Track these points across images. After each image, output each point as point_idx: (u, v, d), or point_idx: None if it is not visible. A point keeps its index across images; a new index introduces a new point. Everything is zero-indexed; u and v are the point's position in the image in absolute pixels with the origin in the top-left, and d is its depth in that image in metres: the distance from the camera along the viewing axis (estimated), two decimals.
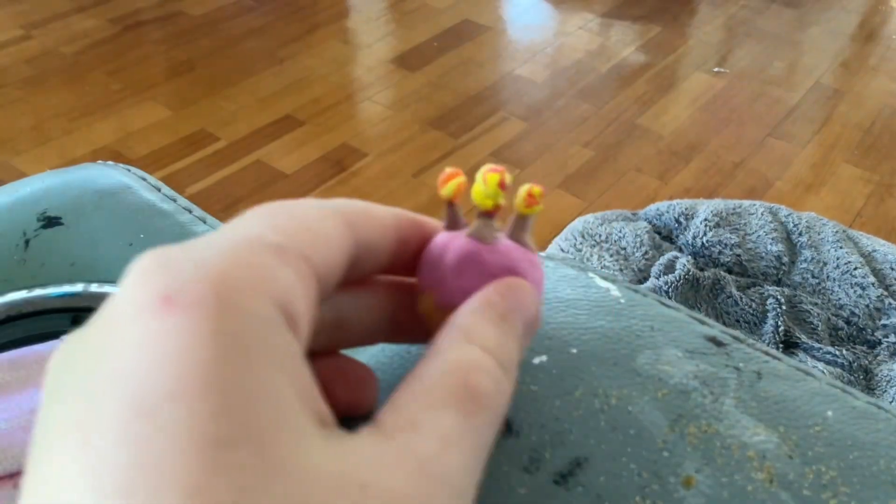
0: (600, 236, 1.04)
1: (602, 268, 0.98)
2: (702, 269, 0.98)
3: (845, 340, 0.92)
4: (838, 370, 0.85)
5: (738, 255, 0.99)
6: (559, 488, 0.25)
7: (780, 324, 0.89)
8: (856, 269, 0.94)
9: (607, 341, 0.31)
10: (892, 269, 0.96)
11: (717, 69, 2.05)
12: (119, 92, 1.87)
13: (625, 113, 1.87)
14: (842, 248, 0.97)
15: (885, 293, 0.93)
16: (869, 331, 0.92)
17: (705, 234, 1.00)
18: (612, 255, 1.00)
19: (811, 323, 0.92)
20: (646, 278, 0.97)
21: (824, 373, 0.70)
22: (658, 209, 1.09)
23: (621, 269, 0.98)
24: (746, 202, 1.07)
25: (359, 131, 1.79)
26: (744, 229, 1.02)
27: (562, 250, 1.04)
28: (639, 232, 1.03)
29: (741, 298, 0.94)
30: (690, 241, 1.02)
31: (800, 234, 1.01)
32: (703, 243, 1.00)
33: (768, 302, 0.93)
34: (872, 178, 1.68)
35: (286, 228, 0.20)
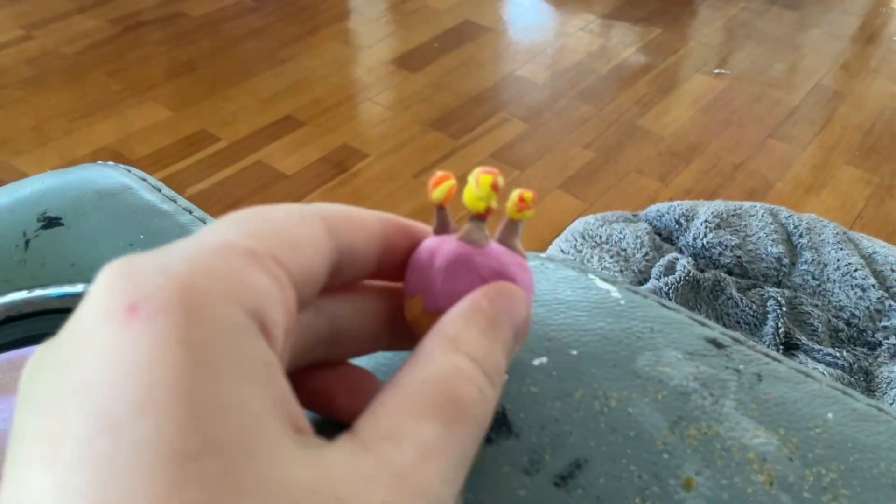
0: (601, 237, 1.04)
1: (602, 269, 0.98)
2: (702, 271, 0.98)
3: (846, 342, 0.92)
4: (839, 372, 0.85)
5: (739, 257, 0.99)
6: (559, 490, 0.25)
7: (780, 325, 0.89)
8: (856, 270, 0.94)
9: (607, 343, 0.31)
10: (893, 270, 0.96)
11: (717, 71, 2.05)
12: (119, 92, 1.87)
13: (625, 114, 1.87)
14: (842, 249, 0.97)
15: (886, 295, 0.93)
16: (869, 332, 0.92)
17: (706, 235, 1.00)
18: (612, 257, 1.00)
19: (811, 325, 0.92)
20: (646, 279, 0.97)
21: (825, 374, 0.70)
22: (658, 210, 1.09)
23: (622, 271, 0.98)
24: (747, 204, 1.07)
25: (359, 132, 1.79)
26: (744, 231, 1.02)
27: (562, 251, 1.04)
28: (639, 233, 1.03)
29: (741, 300, 0.93)
30: (691, 243, 1.02)
31: (800, 236, 1.00)
32: (703, 245, 1.00)
33: (769, 303, 0.93)
34: (873, 179, 1.68)
35: (259, 233, 0.20)
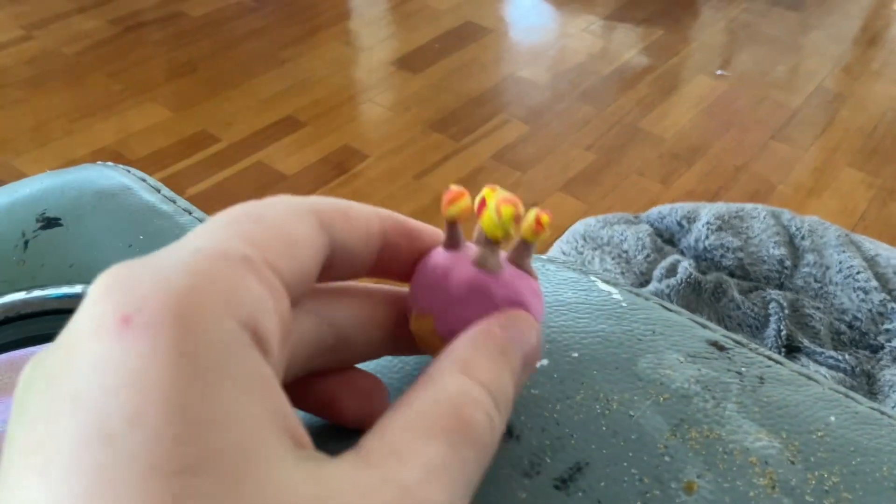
0: (602, 239, 1.04)
1: (604, 271, 0.98)
2: (704, 273, 0.97)
3: (848, 345, 0.92)
4: (841, 375, 0.85)
5: (741, 259, 0.99)
6: (559, 493, 0.25)
7: (782, 328, 0.89)
8: (858, 273, 0.94)
9: (608, 345, 0.31)
10: (895, 273, 0.96)
11: (719, 72, 2.05)
12: (120, 93, 1.88)
13: (627, 116, 1.87)
14: (844, 252, 0.97)
15: (888, 297, 0.92)
16: (872, 335, 0.91)
17: (707, 237, 1.00)
18: (613, 259, 1.00)
19: (813, 327, 0.91)
20: (647, 281, 0.97)
21: (826, 377, 0.70)
22: (660, 212, 1.08)
23: (623, 273, 0.98)
24: (749, 206, 1.06)
25: (360, 133, 1.79)
26: (746, 233, 1.01)
27: (563, 253, 1.04)
28: (640, 235, 1.03)
29: (743, 302, 0.93)
30: (692, 245, 1.02)
31: (802, 238, 1.00)
32: (705, 247, 1.00)
33: (770, 306, 0.92)
34: (875, 182, 1.68)
35: (254, 236, 0.20)
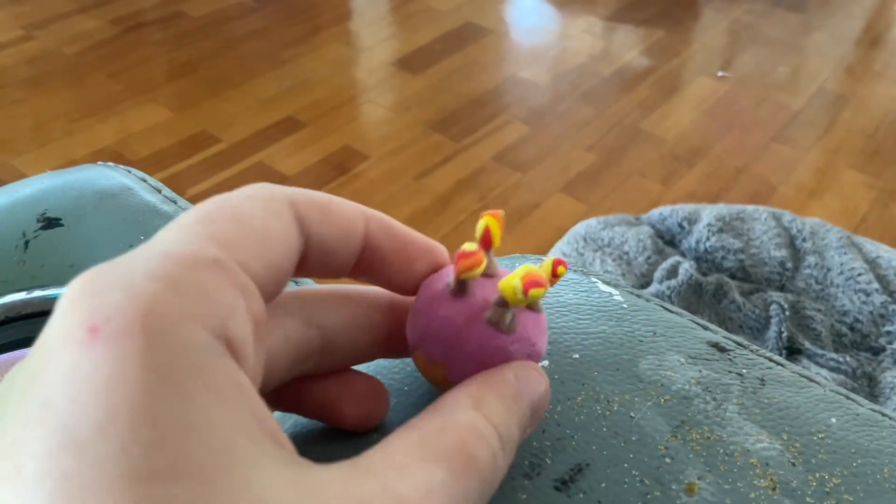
0: (603, 241, 1.04)
1: (604, 272, 0.98)
2: (705, 275, 0.97)
3: (849, 347, 0.92)
4: (842, 377, 0.85)
5: (742, 261, 0.99)
6: (560, 494, 0.25)
7: (783, 330, 0.89)
8: (860, 275, 0.94)
9: (609, 346, 0.31)
10: None
11: (720, 73, 2.05)
12: (120, 93, 1.88)
13: (628, 117, 1.87)
14: (846, 253, 0.97)
15: (890, 299, 0.92)
16: (873, 337, 0.91)
17: (708, 239, 1.00)
18: (614, 260, 1.00)
19: (815, 329, 0.91)
20: (648, 283, 0.97)
21: (827, 379, 0.70)
22: (661, 214, 1.08)
23: (624, 274, 0.98)
24: (750, 207, 1.06)
25: (360, 134, 1.79)
26: (747, 234, 1.01)
27: (564, 254, 1.04)
28: (641, 236, 1.03)
29: (744, 304, 0.93)
30: (693, 246, 1.02)
31: (803, 240, 1.00)
32: (706, 248, 1.00)
33: (771, 308, 0.92)
34: (876, 183, 1.68)
35: (225, 235, 0.19)
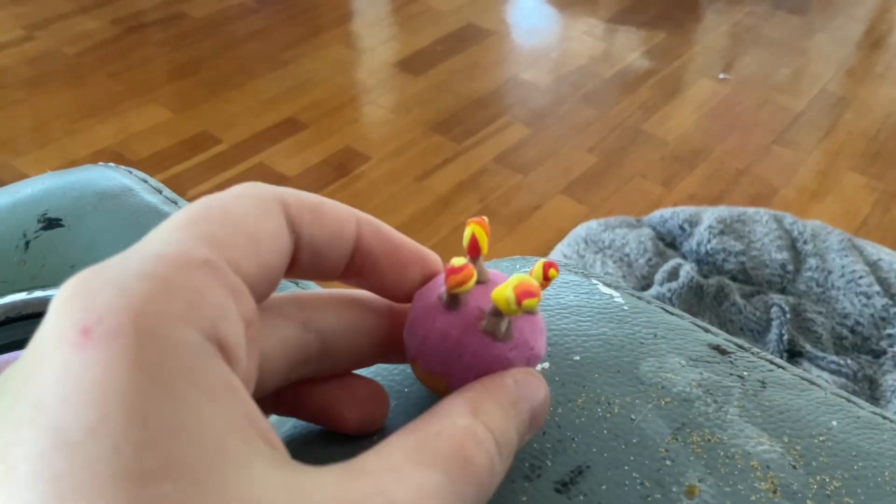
0: (604, 242, 1.04)
1: (605, 274, 0.98)
2: (706, 277, 0.97)
3: (850, 350, 0.92)
4: (842, 380, 0.85)
5: (743, 263, 0.99)
6: (560, 496, 0.25)
7: (784, 332, 0.89)
8: (861, 277, 0.94)
9: (610, 348, 0.31)
10: None
11: (722, 76, 2.05)
12: (121, 93, 1.88)
13: (629, 119, 1.87)
14: (847, 256, 0.97)
15: (891, 302, 0.92)
16: (874, 340, 0.91)
17: (710, 241, 1.00)
18: (615, 262, 1.00)
19: (816, 332, 0.91)
20: (649, 285, 0.97)
21: (828, 382, 0.70)
22: (662, 216, 1.08)
23: (624, 276, 0.98)
24: (751, 210, 1.06)
25: (361, 135, 1.79)
26: (748, 237, 1.01)
27: (564, 256, 1.04)
28: (642, 239, 1.03)
29: (745, 306, 0.93)
30: (694, 249, 1.02)
31: (805, 242, 1.00)
32: (707, 250, 1.00)
33: (772, 310, 0.92)
34: (878, 186, 1.68)
35: (217, 235, 0.19)
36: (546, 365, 0.30)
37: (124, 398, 0.15)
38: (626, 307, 0.33)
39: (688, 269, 0.95)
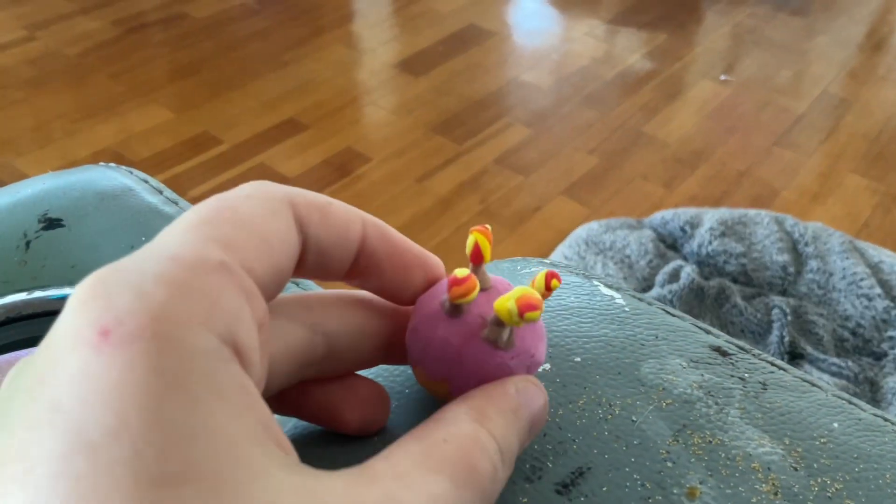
0: (604, 244, 1.04)
1: (606, 276, 0.98)
2: (707, 279, 0.97)
3: (851, 352, 0.92)
4: (843, 382, 0.85)
5: (744, 265, 0.99)
6: (561, 498, 0.25)
7: (785, 334, 0.89)
8: (862, 280, 0.94)
9: (611, 350, 0.31)
10: None
11: (723, 77, 2.05)
12: (122, 94, 1.88)
13: (630, 120, 1.87)
14: (848, 258, 0.97)
15: (892, 304, 0.92)
16: (875, 342, 0.91)
17: (710, 243, 1.00)
18: (616, 264, 1.00)
19: (817, 334, 0.91)
20: (650, 287, 0.97)
21: (829, 384, 0.70)
22: (663, 217, 1.08)
23: (625, 278, 0.98)
24: (752, 211, 1.06)
25: (362, 136, 1.79)
26: (749, 239, 1.01)
27: (565, 258, 1.04)
28: (643, 240, 1.03)
29: (746, 308, 0.93)
30: (696, 250, 1.02)
31: (806, 245, 1.00)
32: (708, 252, 1.00)
33: (773, 312, 0.92)
34: (879, 188, 1.68)
35: (229, 237, 0.19)
36: (547, 366, 0.30)
37: (144, 402, 0.15)
38: (627, 309, 0.33)
39: (689, 271, 0.95)
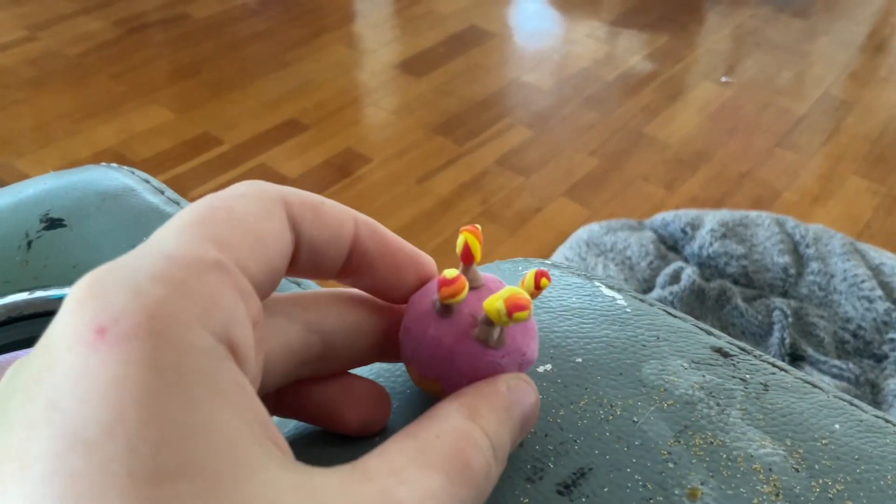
0: (605, 245, 1.04)
1: (607, 277, 0.98)
2: (707, 280, 0.97)
3: (852, 354, 0.92)
4: (845, 384, 0.85)
5: (745, 267, 0.99)
6: (562, 498, 0.25)
7: (786, 336, 0.89)
8: (863, 281, 0.94)
9: (612, 351, 0.31)
10: None
11: (724, 78, 2.05)
12: (123, 94, 1.88)
13: (631, 121, 1.87)
14: (849, 260, 0.97)
15: (893, 307, 0.92)
16: (876, 344, 0.91)
17: (711, 244, 1.00)
18: (617, 265, 1.00)
19: (818, 336, 0.91)
20: (651, 288, 0.97)
21: (830, 386, 0.70)
22: (664, 219, 1.08)
23: (626, 279, 0.98)
24: (753, 213, 1.06)
25: (363, 136, 1.79)
26: (750, 240, 1.01)
27: (566, 259, 1.04)
28: (644, 242, 1.03)
29: (747, 310, 0.93)
30: (696, 252, 1.01)
31: (807, 246, 1.00)
32: (709, 254, 1.00)
33: (774, 314, 0.92)
34: (880, 189, 1.68)
35: (224, 237, 0.20)
36: (548, 367, 0.30)
37: (140, 399, 0.16)
38: (628, 309, 0.33)
39: (689, 273, 0.95)
